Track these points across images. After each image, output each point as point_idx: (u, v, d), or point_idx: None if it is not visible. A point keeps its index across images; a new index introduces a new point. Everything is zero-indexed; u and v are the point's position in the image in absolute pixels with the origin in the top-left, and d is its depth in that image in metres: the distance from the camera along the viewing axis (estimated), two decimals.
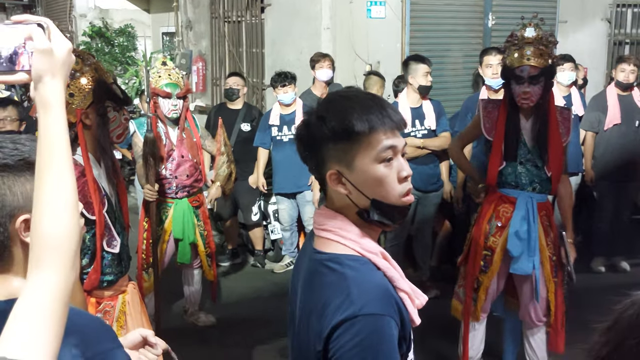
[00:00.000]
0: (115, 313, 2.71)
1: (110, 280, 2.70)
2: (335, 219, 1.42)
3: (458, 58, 6.81)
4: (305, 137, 1.43)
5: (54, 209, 1.00)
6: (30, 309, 0.97)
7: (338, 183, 1.39)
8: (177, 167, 4.23)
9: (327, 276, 1.37)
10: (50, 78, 1.02)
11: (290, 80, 5.42)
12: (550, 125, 3.35)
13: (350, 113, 1.36)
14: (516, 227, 3.38)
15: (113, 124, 2.65)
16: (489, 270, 3.49)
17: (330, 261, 1.38)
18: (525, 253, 3.37)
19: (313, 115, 1.42)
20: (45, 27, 1.03)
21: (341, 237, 1.40)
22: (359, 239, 1.40)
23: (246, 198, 5.82)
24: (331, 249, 1.40)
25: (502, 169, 3.45)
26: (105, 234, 2.64)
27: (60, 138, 1.02)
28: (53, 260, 0.99)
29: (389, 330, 1.29)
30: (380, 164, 1.37)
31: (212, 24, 8.14)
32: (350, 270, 1.35)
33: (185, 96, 4.25)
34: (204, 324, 4.69)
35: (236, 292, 5.39)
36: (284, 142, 5.52)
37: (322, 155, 1.40)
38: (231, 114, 5.78)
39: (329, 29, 6.24)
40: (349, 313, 1.28)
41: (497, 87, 4.74)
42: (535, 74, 3.27)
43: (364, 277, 1.35)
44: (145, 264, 4.13)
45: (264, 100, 7.17)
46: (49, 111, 1.02)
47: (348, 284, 1.32)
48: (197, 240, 4.34)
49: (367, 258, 1.39)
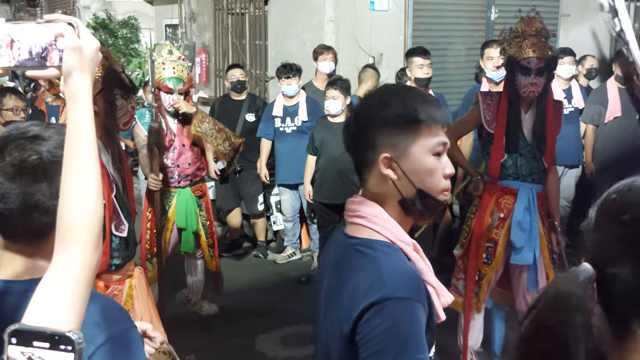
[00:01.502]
0: (123, 297, 2.77)
1: (118, 264, 2.76)
2: (370, 206, 1.44)
3: (461, 51, 6.84)
4: (361, 117, 1.45)
5: (81, 194, 1.07)
6: (57, 281, 1.03)
7: (388, 167, 1.41)
8: (178, 155, 4.26)
9: (358, 259, 1.38)
10: (79, 73, 1.09)
11: (295, 73, 5.44)
12: (547, 117, 3.40)
13: (414, 102, 1.41)
14: (519, 218, 3.42)
15: (120, 112, 2.71)
16: (492, 262, 3.53)
17: (362, 245, 1.39)
18: (527, 243, 3.42)
19: (373, 98, 1.46)
20: (75, 26, 1.10)
21: (374, 224, 1.41)
22: (392, 228, 1.41)
23: (251, 188, 5.86)
24: (364, 234, 1.42)
25: (503, 161, 3.49)
26: (113, 218, 2.70)
27: (88, 128, 1.10)
28: (79, 240, 1.05)
29: (418, 315, 1.30)
30: (432, 156, 1.42)
31: (215, 16, 8.16)
32: (382, 255, 1.36)
33: (187, 91, 4.28)
34: (207, 313, 4.74)
35: (238, 282, 5.44)
36: (287, 133, 5.55)
37: (374, 137, 1.42)
38: (235, 104, 5.82)
39: (332, 21, 6.26)
40: (380, 296, 1.29)
41: (499, 80, 4.77)
42: (542, 66, 3.32)
43: (396, 261, 1.36)
44: (149, 254, 4.18)
45: (267, 92, 7.21)
46: (78, 103, 1.09)
47: (379, 267, 1.33)
48: (200, 230, 4.38)
49: (399, 247, 1.40)
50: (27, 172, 1.22)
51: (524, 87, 3.35)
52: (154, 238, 4.10)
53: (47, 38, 1.09)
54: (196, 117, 4.21)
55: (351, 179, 5.19)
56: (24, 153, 1.23)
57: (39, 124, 1.30)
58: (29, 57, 1.09)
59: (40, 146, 1.24)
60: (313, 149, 5.24)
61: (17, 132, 1.26)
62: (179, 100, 4.16)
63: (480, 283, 3.57)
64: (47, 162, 1.23)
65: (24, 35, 1.09)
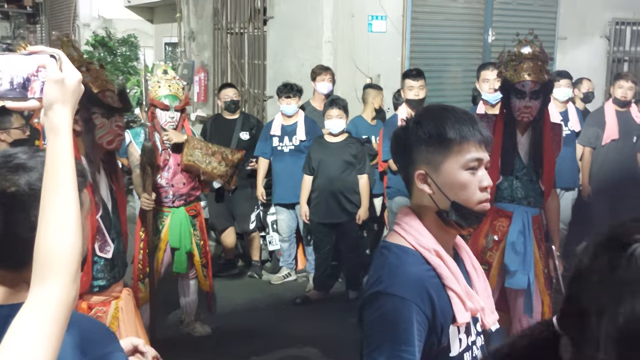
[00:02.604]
0: (107, 319, 2.73)
1: (102, 285, 2.73)
2: (407, 215, 1.59)
3: (458, 73, 6.86)
4: (402, 138, 1.59)
5: (59, 227, 1.06)
6: (33, 318, 1.02)
7: (424, 182, 1.55)
8: (173, 175, 4.25)
9: (378, 259, 1.57)
10: (60, 106, 1.10)
11: (296, 93, 5.46)
12: (545, 140, 3.39)
13: (445, 121, 1.53)
14: (513, 241, 3.41)
15: (101, 131, 2.69)
16: None
17: (384, 248, 1.58)
18: (521, 267, 3.39)
19: (411, 120, 1.59)
20: (58, 58, 1.10)
21: (403, 231, 1.57)
22: (418, 235, 1.55)
23: (244, 207, 5.84)
24: (391, 239, 1.59)
25: (498, 184, 3.48)
26: (97, 239, 2.67)
27: (67, 161, 1.09)
28: (56, 274, 1.04)
29: (407, 314, 1.43)
30: (466, 171, 1.53)
31: (214, 35, 8.20)
32: (392, 256, 1.54)
33: (183, 108, 4.27)
34: (200, 334, 4.68)
35: (232, 303, 5.39)
36: (285, 152, 5.55)
37: (413, 156, 1.56)
38: (229, 123, 5.82)
39: (330, 42, 6.29)
40: (376, 289, 1.48)
41: (495, 102, 4.78)
42: (536, 89, 3.32)
43: (401, 263, 1.51)
44: (141, 274, 4.14)
45: (264, 112, 7.22)
46: (58, 136, 1.09)
47: (383, 266, 1.52)
48: (193, 250, 4.34)
49: (419, 252, 1.53)
50: (5, 203, 1.21)
51: (518, 110, 3.35)
52: (147, 258, 4.06)
53: (30, 69, 1.09)
54: (187, 145, 4.21)
55: (348, 198, 5.18)
56: (4, 183, 1.22)
57: (27, 152, 1.29)
58: (10, 88, 1.09)
59: (20, 177, 1.23)
60: (310, 169, 5.23)
61: (2, 159, 1.26)
62: (168, 132, 4.17)
63: None
64: (24, 194, 1.22)
65: (5, 65, 1.09)
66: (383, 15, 6.34)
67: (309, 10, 6.40)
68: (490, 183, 1.56)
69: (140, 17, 11.33)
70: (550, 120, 3.54)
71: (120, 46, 10.96)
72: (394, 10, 6.38)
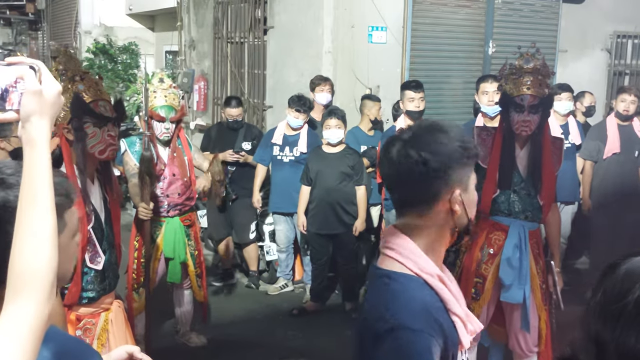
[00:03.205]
0: (96, 330, 2.70)
1: (91, 297, 2.70)
2: (402, 238, 1.51)
3: (458, 85, 6.85)
4: (436, 154, 1.46)
5: (34, 242, 1.03)
6: (5, 336, 0.99)
7: (456, 202, 1.49)
8: (168, 185, 4.23)
9: (377, 289, 1.49)
10: (38, 118, 1.07)
11: (306, 110, 5.43)
12: (544, 154, 3.37)
13: (470, 139, 1.54)
14: (508, 255, 3.38)
15: (93, 140, 2.67)
16: (480, 298, 3.47)
17: (384, 277, 1.49)
18: (517, 281, 3.36)
19: (437, 136, 1.48)
20: (37, 70, 1.08)
21: (401, 256, 1.49)
22: (418, 260, 1.48)
23: (244, 216, 5.81)
24: (389, 266, 1.50)
25: (495, 197, 3.46)
26: (88, 250, 2.65)
27: (44, 175, 1.06)
28: (30, 291, 1.01)
29: (423, 345, 1.37)
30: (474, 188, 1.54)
31: (215, 44, 8.20)
32: (396, 285, 1.46)
33: (180, 120, 4.25)
34: (195, 344, 4.65)
35: (229, 313, 5.35)
36: (284, 162, 5.53)
37: (449, 174, 1.47)
38: (232, 133, 5.81)
39: (330, 52, 6.28)
40: (387, 325, 1.39)
41: (493, 115, 4.76)
42: (535, 103, 3.30)
43: (407, 292, 1.45)
44: (136, 284, 4.11)
45: (264, 121, 7.20)
46: (35, 149, 1.07)
47: (388, 297, 1.44)
48: (188, 260, 4.32)
49: (423, 279, 1.47)
50: None
51: (516, 123, 3.33)
52: (141, 268, 4.03)
53: (8, 80, 1.07)
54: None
55: (345, 210, 5.15)
56: None
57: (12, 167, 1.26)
58: None
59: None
60: (307, 180, 5.21)
61: None
62: (199, 185, 4.32)
63: None
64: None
65: None
66: (383, 26, 6.34)
67: (310, 21, 6.40)
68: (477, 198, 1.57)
69: (142, 25, 11.36)
70: (550, 134, 3.52)
71: (121, 54, 10.97)
72: (394, 21, 6.37)
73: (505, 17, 6.97)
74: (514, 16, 7.01)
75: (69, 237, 1.34)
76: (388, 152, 1.51)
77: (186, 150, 4.34)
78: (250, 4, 7.28)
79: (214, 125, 6.69)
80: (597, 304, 1.00)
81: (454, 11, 6.69)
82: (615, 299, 0.97)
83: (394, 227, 1.56)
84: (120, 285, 3.29)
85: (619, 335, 0.95)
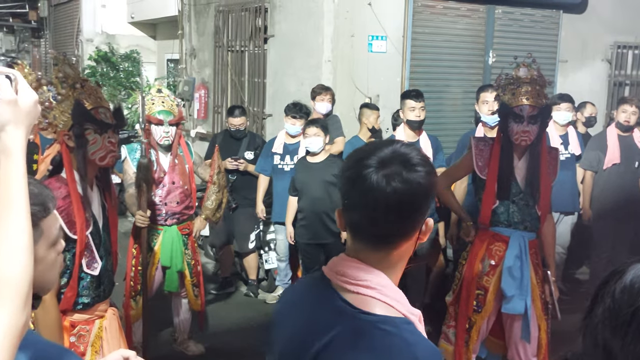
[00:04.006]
0: (90, 337, 2.70)
1: (86, 302, 2.70)
2: (378, 275, 1.33)
3: (458, 94, 6.85)
4: (421, 192, 1.29)
5: (10, 251, 1.03)
6: None
7: (428, 229, 1.35)
8: (167, 193, 4.23)
9: (386, 340, 1.27)
10: (13, 127, 1.07)
11: (303, 115, 5.43)
12: (542, 164, 3.36)
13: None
14: (509, 266, 3.37)
15: (94, 147, 2.68)
16: (482, 309, 3.46)
17: (385, 324, 1.28)
18: (518, 292, 3.35)
19: (424, 169, 1.30)
20: (13, 79, 1.08)
21: (387, 297, 1.32)
22: (403, 300, 1.34)
23: (245, 226, 5.80)
24: (378, 309, 1.30)
25: (495, 208, 3.44)
26: (86, 255, 2.65)
27: (19, 184, 1.06)
28: (5, 299, 1.01)
29: None
30: None
31: (215, 52, 8.23)
32: (410, 335, 1.28)
33: (178, 123, 4.27)
34: (193, 353, 4.63)
35: (227, 322, 5.33)
36: (285, 171, 5.52)
37: (426, 206, 1.32)
38: (235, 142, 5.82)
39: (330, 61, 6.29)
40: None
41: (494, 124, 4.75)
42: (534, 114, 3.29)
43: (424, 342, 1.29)
44: (133, 292, 4.10)
45: (264, 130, 7.21)
46: (10, 158, 1.07)
47: (413, 349, 1.25)
48: (184, 269, 4.31)
49: (412, 321, 1.33)
50: None
51: (516, 134, 3.33)
52: (139, 275, 4.03)
53: None
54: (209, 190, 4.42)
55: (332, 219, 5.12)
56: None
57: None
58: None
59: None
60: (294, 190, 5.20)
61: None
62: (195, 229, 4.41)
63: (470, 332, 3.48)
64: None
65: None
66: (383, 35, 6.35)
67: (310, 30, 6.42)
68: None
69: (143, 33, 11.40)
70: (547, 145, 3.52)
71: (122, 62, 11.02)
72: (394, 30, 6.39)
73: (506, 27, 6.98)
74: (514, 26, 7.03)
75: (47, 246, 1.33)
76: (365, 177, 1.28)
77: (187, 159, 4.35)
78: (251, 12, 7.31)
79: (219, 132, 6.70)
80: (606, 310, 0.99)
81: (454, 21, 6.70)
82: (626, 304, 0.96)
83: (356, 260, 1.35)
84: (117, 292, 3.28)
85: (630, 342, 0.94)
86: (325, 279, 1.39)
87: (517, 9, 7.03)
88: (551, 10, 7.25)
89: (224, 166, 5.47)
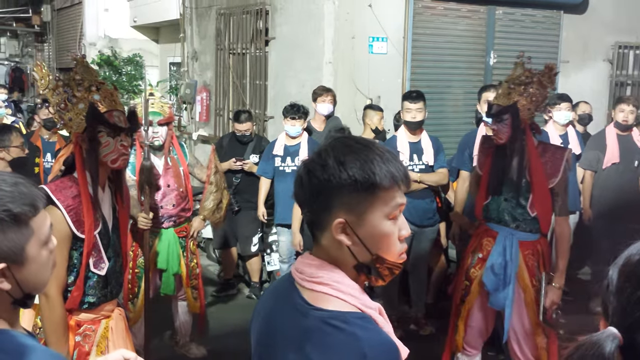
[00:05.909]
0: (95, 337, 2.70)
1: (92, 302, 2.71)
2: (331, 271, 1.33)
3: (459, 95, 6.86)
4: (316, 176, 1.32)
5: None
6: None
7: (342, 232, 1.30)
8: (162, 197, 4.23)
9: (334, 336, 1.27)
10: None
11: (302, 115, 5.42)
12: (531, 165, 3.34)
13: (373, 164, 1.29)
14: (492, 262, 3.41)
15: (106, 149, 2.70)
16: (466, 300, 3.52)
17: (335, 319, 1.28)
18: (500, 288, 3.38)
19: (329, 156, 1.31)
20: None
21: (341, 292, 1.31)
22: (359, 295, 1.32)
23: (248, 229, 5.80)
24: (331, 305, 1.30)
25: (487, 203, 3.49)
26: (93, 255, 2.66)
27: None
28: None
29: None
30: (389, 221, 1.32)
31: (217, 55, 8.25)
32: (360, 330, 1.26)
33: (168, 124, 4.28)
34: (195, 355, 4.62)
35: (229, 324, 5.33)
36: (287, 173, 5.52)
37: (330, 200, 1.30)
38: (241, 146, 5.84)
39: (331, 63, 6.31)
40: None
41: None
42: (496, 112, 3.32)
43: (375, 336, 1.28)
44: (130, 294, 4.10)
45: (265, 132, 7.22)
46: None
47: (361, 344, 1.24)
48: (182, 272, 4.30)
49: (368, 314, 1.31)
50: None
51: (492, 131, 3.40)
52: (136, 278, 4.03)
53: None
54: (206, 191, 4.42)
55: None
56: None
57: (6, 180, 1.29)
58: None
59: None
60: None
61: None
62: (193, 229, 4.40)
63: (457, 322, 3.55)
64: None
65: None
66: (384, 36, 6.36)
67: (311, 32, 6.44)
68: (409, 232, 1.36)
69: (146, 36, 11.45)
70: (550, 144, 3.53)
71: (125, 65, 11.06)
72: (395, 31, 6.40)
73: (507, 27, 6.99)
74: (515, 27, 7.03)
75: (39, 245, 1.34)
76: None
77: (181, 160, 4.35)
78: (252, 15, 7.33)
79: (225, 135, 6.70)
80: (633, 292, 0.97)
81: (455, 22, 6.71)
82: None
83: (313, 257, 1.37)
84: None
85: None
86: (292, 277, 1.41)
87: (517, 10, 7.04)
88: (552, 11, 7.25)
89: (228, 167, 5.50)
